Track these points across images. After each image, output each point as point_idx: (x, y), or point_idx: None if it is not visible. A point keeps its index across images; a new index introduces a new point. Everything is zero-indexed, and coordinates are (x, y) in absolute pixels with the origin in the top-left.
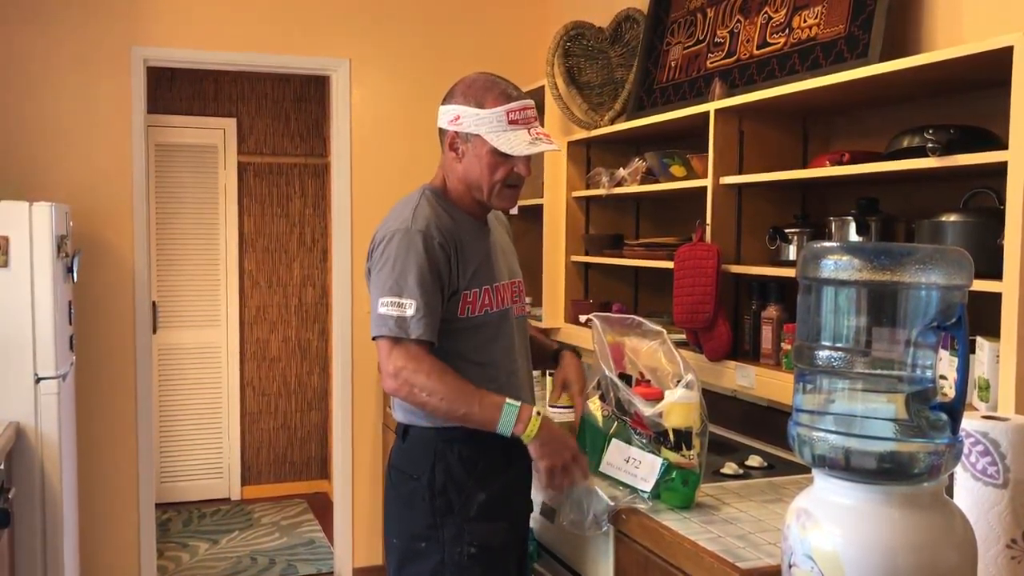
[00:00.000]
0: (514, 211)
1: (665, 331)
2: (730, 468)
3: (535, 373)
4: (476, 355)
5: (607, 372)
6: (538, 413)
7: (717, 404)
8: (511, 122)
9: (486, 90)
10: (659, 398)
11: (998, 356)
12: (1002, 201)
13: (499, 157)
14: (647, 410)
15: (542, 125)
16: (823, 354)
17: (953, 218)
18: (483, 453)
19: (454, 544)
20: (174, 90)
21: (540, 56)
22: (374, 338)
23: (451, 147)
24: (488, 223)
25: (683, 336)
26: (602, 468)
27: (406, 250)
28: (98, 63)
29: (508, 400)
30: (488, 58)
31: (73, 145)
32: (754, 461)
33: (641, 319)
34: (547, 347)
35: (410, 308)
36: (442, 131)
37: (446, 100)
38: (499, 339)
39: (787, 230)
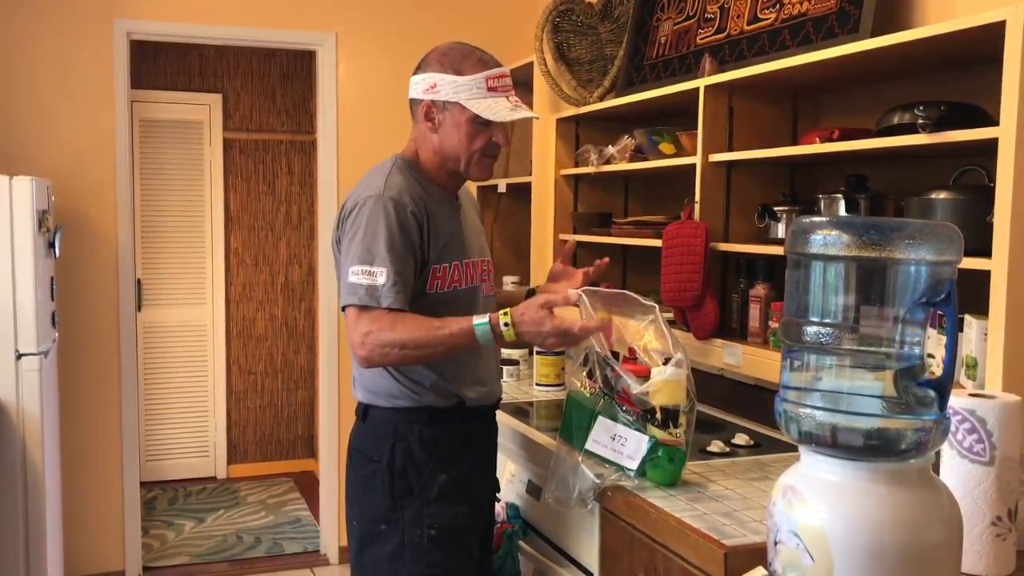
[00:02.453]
0: (502, 189)
1: (658, 307)
2: (716, 446)
3: (524, 351)
4: None
5: (597, 348)
6: (507, 325)
7: (704, 382)
8: (490, 89)
9: (463, 57)
10: (646, 375)
11: (986, 334)
12: (992, 179)
13: (477, 125)
14: (635, 387)
15: (527, 100)
16: (811, 330)
17: (943, 195)
18: (444, 434)
19: (414, 526)
20: (158, 64)
21: (529, 31)
22: (344, 307)
23: (426, 117)
24: (459, 199)
25: (671, 314)
26: (588, 446)
27: (377, 217)
28: (80, 35)
29: (475, 322)
30: (476, 33)
31: (54, 119)
32: (740, 439)
33: (635, 295)
34: (517, 295)
35: (381, 276)
36: (415, 101)
37: (419, 70)
38: (467, 316)
39: (776, 208)
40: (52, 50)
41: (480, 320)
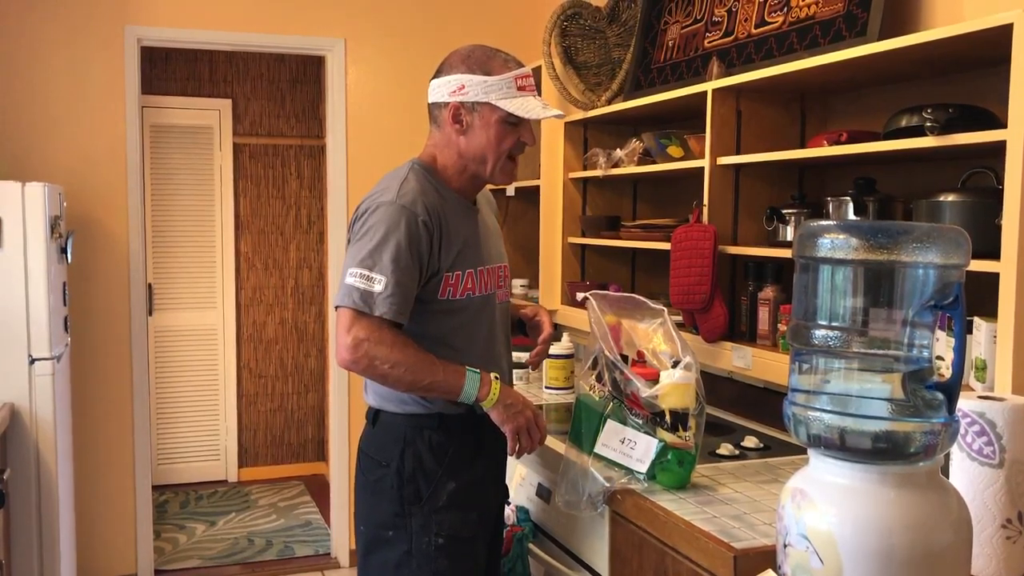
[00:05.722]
0: (510, 192)
1: (666, 310)
2: (726, 449)
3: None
4: (454, 339)
5: (606, 352)
6: (496, 378)
7: (713, 385)
8: (519, 88)
9: (489, 58)
10: (655, 379)
11: (995, 336)
12: (1000, 181)
13: (507, 126)
14: (645, 391)
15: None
16: (819, 333)
17: (951, 198)
18: (454, 440)
19: (422, 534)
20: (168, 70)
21: (537, 35)
22: (337, 307)
23: (454, 119)
24: (477, 203)
25: (679, 317)
26: (597, 449)
27: (387, 224)
28: (90, 42)
29: (469, 368)
30: (484, 37)
31: (66, 125)
32: (750, 442)
33: (643, 298)
34: (513, 313)
35: (379, 284)
36: (439, 105)
37: (441, 73)
38: (480, 324)
39: (784, 211)
40: (63, 56)
41: (473, 369)
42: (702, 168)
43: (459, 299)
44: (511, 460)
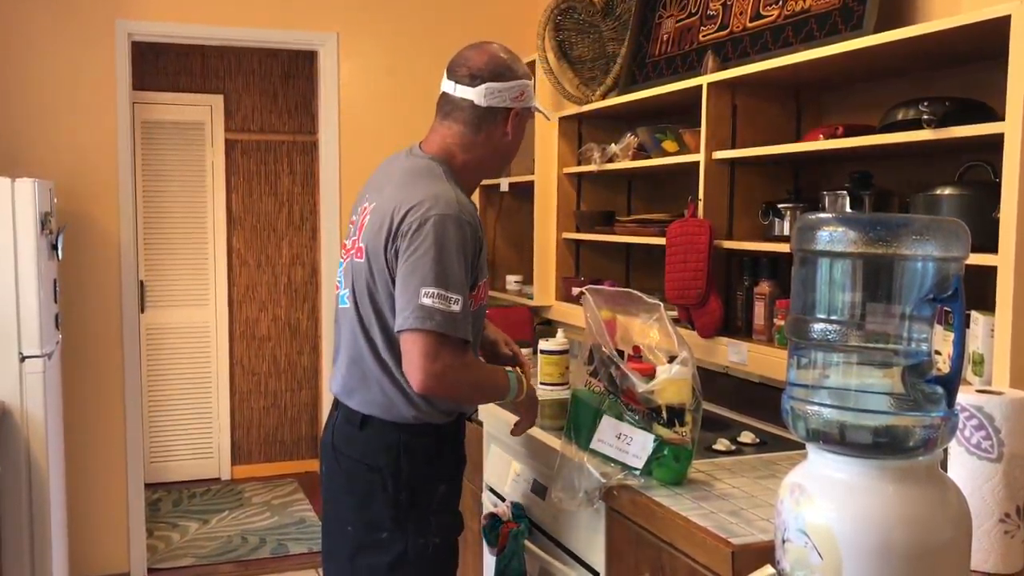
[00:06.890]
0: (504, 188)
1: (662, 305)
2: (722, 444)
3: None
4: None
5: (603, 347)
6: (521, 372)
7: (709, 380)
8: None
9: (519, 60)
10: (651, 374)
11: (993, 330)
12: (997, 174)
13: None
14: (641, 386)
15: None
16: (818, 327)
17: (948, 191)
18: (446, 446)
19: (418, 536)
20: (160, 65)
21: (531, 30)
22: (409, 330)
23: (514, 126)
24: None
25: (675, 313)
26: (593, 445)
27: (453, 240)
28: (81, 36)
29: (506, 369)
30: (478, 32)
31: (56, 120)
32: (746, 437)
33: (638, 293)
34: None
35: (456, 304)
36: (494, 110)
37: (503, 76)
38: (479, 333)
39: (780, 205)
40: (54, 51)
41: (509, 369)
42: (697, 163)
43: (474, 312)
44: (505, 456)
